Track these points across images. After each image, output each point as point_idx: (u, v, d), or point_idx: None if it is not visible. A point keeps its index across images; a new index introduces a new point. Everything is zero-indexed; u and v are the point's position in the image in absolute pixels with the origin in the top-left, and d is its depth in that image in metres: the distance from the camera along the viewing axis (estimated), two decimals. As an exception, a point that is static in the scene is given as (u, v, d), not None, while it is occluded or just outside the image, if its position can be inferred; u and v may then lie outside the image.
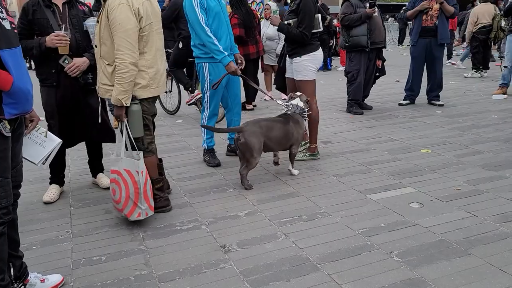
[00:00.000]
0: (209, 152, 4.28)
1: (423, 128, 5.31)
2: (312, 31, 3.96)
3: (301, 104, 3.86)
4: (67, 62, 3.22)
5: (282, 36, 7.11)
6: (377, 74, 6.51)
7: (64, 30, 3.19)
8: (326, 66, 11.61)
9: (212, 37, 3.77)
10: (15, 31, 1.90)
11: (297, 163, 4.16)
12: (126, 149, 2.94)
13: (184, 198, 3.46)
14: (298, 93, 3.96)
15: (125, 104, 2.80)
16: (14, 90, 1.80)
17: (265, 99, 7.70)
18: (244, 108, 6.80)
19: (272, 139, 3.63)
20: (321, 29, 4.04)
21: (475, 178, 3.63)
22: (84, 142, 3.63)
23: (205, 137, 4.26)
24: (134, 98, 2.88)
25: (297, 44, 4.00)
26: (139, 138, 2.98)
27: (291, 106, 3.87)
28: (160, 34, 3.05)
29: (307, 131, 4.24)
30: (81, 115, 3.36)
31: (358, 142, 4.83)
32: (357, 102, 6.32)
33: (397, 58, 13.44)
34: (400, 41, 18.78)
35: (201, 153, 4.43)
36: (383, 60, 6.52)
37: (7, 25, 1.82)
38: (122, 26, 2.72)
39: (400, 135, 5.05)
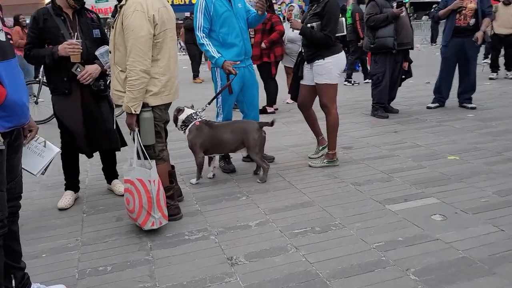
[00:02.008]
0: (224, 157, 4.20)
1: (452, 133, 5.06)
2: (336, 35, 3.82)
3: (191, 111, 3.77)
4: (79, 70, 3.21)
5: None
6: (403, 76, 6.27)
7: (76, 39, 3.19)
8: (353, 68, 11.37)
9: (205, 42, 3.76)
10: (11, 42, 1.87)
11: (314, 170, 4.03)
12: (138, 157, 2.90)
13: (196, 205, 3.39)
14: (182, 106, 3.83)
15: (134, 112, 2.75)
16: (8, 103, 1.76)
17: (287, 102, 7.57)
18: (265, 112, 6.71)
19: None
20: (344, 32, 3.89)
21: (506, 188, 3.39)
22: None
23: (220, 142, 4.18)
24: (146, 105, 2.84)
25: (319, 47, 3.87)
26: (150, 146, 2.94)
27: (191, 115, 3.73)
28: (174, 41, 2.99)
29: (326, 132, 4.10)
30: (94, 123, 3.35)
31: (381, 148, 4.64)
32: (382, 106, 6.10)
33: (429, 58, 13.01)
34: (433, 39, 18.20)
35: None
36: (410, 62, 6.27)
37: (2, 37, 1.79)
38: (135, 33, 2.68)
39: (427, 140, 4.82)
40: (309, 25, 3.85)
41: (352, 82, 9.25)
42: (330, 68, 3.86)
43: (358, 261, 2.49)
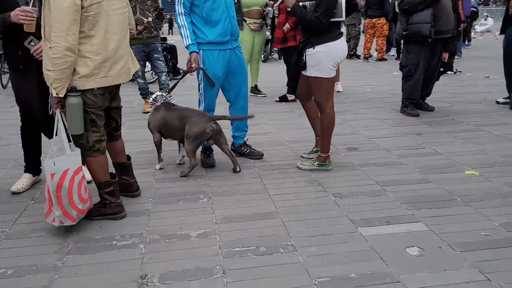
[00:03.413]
0: (205, 150, 3.81)
1: (486, 141, 4.28)
2: (332, 20, 3.23)
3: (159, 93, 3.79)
4: (33, 44, 2.94)
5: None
6: (441, 69, 5.45)
7: (32, 6, 2.91)
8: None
9: (181, 23, 3.31)
10: None
11: (300, 173, 3.53)
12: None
13: (148, 204, 3.05)
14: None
15: (56, 94, 2.43)
16: None
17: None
18: (285, 99, 6.21)
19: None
20: (343, 18, 3.29)
21: (520, 220, 2.71)
22: None
23: (201, 133, 3.79)
24: (73, 89, 2.51)
25: (311, 32, 3.31)
26: (82, 135, 2.62)
27: (157, 96, 3.75)
28: (120, 15, 2.62)
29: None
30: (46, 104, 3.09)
31: (391, 152, 4.01)
32: (413, 102, 5.36)
33: (496, 48, 11.60)
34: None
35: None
36: (453, 53, 5.44)
37: None
38: (57, 4, 2.34)
39: (450, 147, 4.11)
40: (301, 3, 3.29)
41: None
42: (320, 58, 3.30)
43: (286, 300, 2.02)
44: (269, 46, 10.01)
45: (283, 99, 6.27)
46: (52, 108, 2.58)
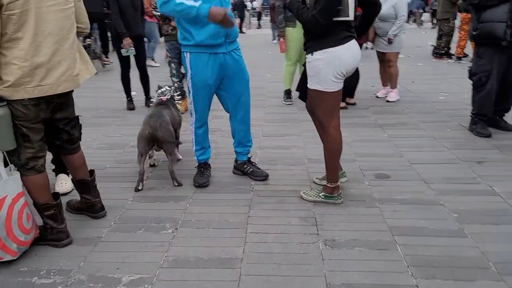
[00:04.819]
0: (200, 167, 3.31)
1: None
2: (335, 19, 2.52)
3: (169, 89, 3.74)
4: None
5: (401, 13, 5.42)
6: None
7: None
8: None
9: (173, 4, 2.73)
10: None
11: (300, 205, 2.88)
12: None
13: (104, 230, 2.63)
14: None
15: None
16: None
17: (377, 96, 6.12)
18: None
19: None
20: (350, 17, 2.54)
21: None
22: None
23: (194, 147, 3.30)
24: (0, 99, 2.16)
25: (310, 34, 2.64)
26: (14, 152, 2.27)
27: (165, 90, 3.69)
28: (58, 12, 2.22)
29: None
30: None
31: (430, 186, 3.15)
32: (483, 119, 4.32)
33: None
34: None
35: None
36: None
37: None
38: None
39: (515, 185, 3.14)
40: (300, -3, 2.61)
41: None
42: (319, 67, 2.59)
43: None
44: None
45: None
46: None
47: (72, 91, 2.48)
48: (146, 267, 2.25)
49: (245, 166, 3.38)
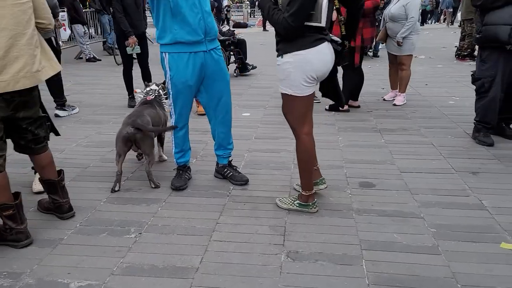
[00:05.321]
0: (179, 169, 3.25)
1: None
2: (306, 23, 2.40)
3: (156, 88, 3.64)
4: None
5: (410, 14, 5.20)
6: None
7: None
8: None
9: None
10: None
11: (271, 213, 2.78)
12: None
13: (67, 232, 2.60)
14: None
15: None
16: None
17: (384, 99, 5.92)
18: (336, 109, 5.32)
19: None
20: (322, 23, 2.42)
21: None
22: None
23: (173, 149, 3.24)
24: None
25: (281, 36, 2.52)
26: (-31, 150, 2.26)
27: (150, 90, 3.60)
28: (14, 7, 2.19)
29: None
30: None
31: (415, 197, 2.99)
32: (487, 126, 4.10)
33: None
34: None
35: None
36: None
37: None
38: None
39: (507, 201, 2.94)
40: (273, -3, 2.49)
41: None
42: (289, 71, 2.48)
43: None
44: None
45: (333, 107, 5.38)
46: None
47: (36, 89, 2.45)
48: (97, 273, 2.19)
49: (226, 170, 3.29)
